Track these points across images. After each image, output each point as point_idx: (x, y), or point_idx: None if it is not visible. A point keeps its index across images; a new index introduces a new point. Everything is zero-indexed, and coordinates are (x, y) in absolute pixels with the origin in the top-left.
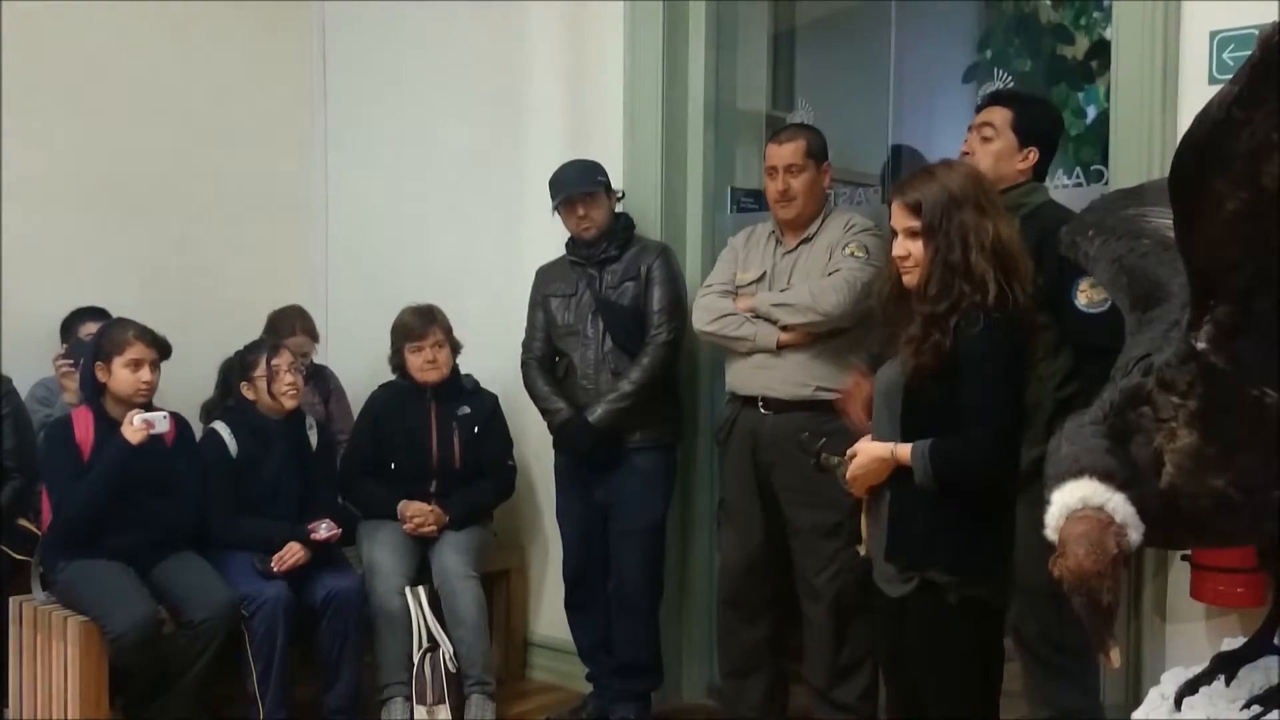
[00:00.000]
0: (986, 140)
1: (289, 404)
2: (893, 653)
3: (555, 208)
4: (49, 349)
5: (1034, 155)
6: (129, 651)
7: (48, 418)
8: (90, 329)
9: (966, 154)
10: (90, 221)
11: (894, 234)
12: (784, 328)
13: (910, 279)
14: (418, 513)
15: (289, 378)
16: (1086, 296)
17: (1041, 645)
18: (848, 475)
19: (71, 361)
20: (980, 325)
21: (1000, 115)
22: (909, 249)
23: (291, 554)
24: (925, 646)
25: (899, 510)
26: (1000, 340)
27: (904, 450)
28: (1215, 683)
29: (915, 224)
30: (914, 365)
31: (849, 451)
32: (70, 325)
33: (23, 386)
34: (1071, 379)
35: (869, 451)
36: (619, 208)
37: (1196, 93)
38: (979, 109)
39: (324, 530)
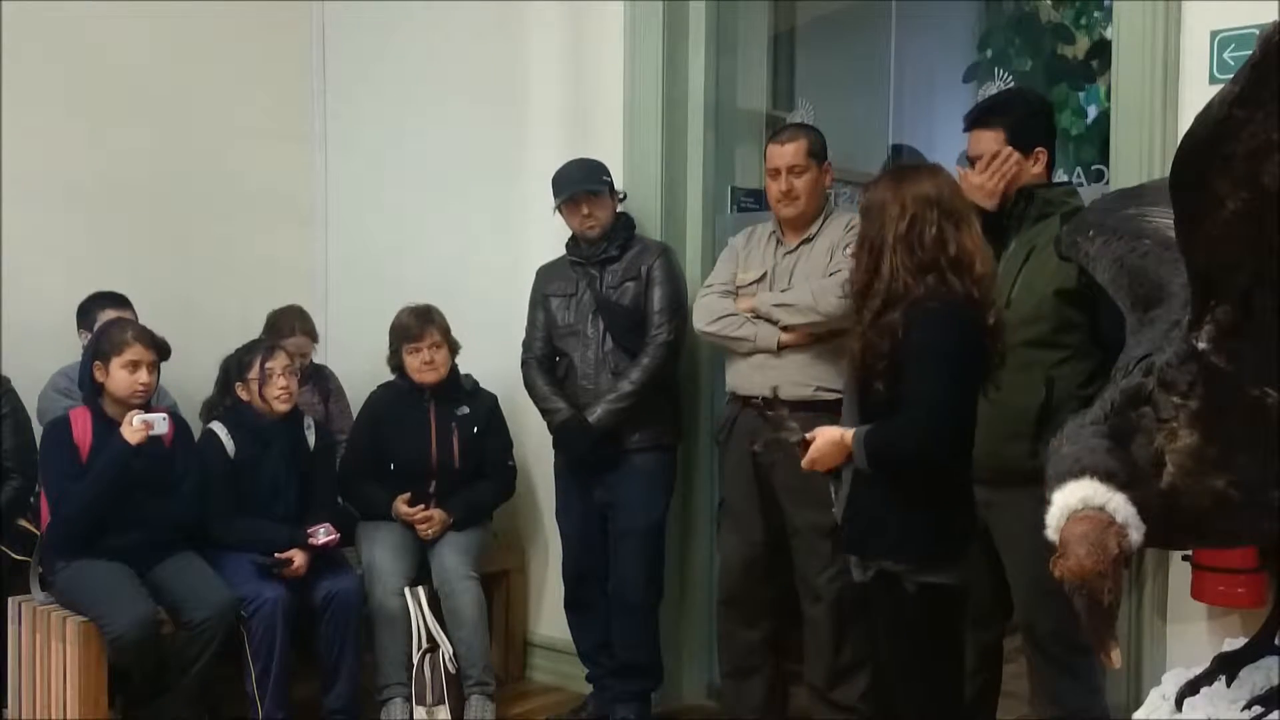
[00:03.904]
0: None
1: (280, 408)
2: (867, 636)
3: (557, 206)
4: (48, 349)
5: (1044, 156)
6: (128, 652)
7: (68, 409)
8: (110, 314)
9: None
10: (90, 221)
11: None
12: (785, 328)
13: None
14: (425, 519)
15: (282, 381)
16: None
17: (1052, 644)
18: (805, 460)
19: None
20: (919, 318)
21: (993, 139)
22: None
23: (295, 567)
24: (884, 634)
25: (854, 501)
26: (936, 332)
27: (851, 435)
28: (1216, 683)
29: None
30: (859, 369)
31: (809, 434)
32: (87, 310)
33: (23, 386)
34: (1097, 378)
35: (825, 435)
36: (620, 208)
37: (1197, 93)
38: (967, 128)
39: (322, 535)
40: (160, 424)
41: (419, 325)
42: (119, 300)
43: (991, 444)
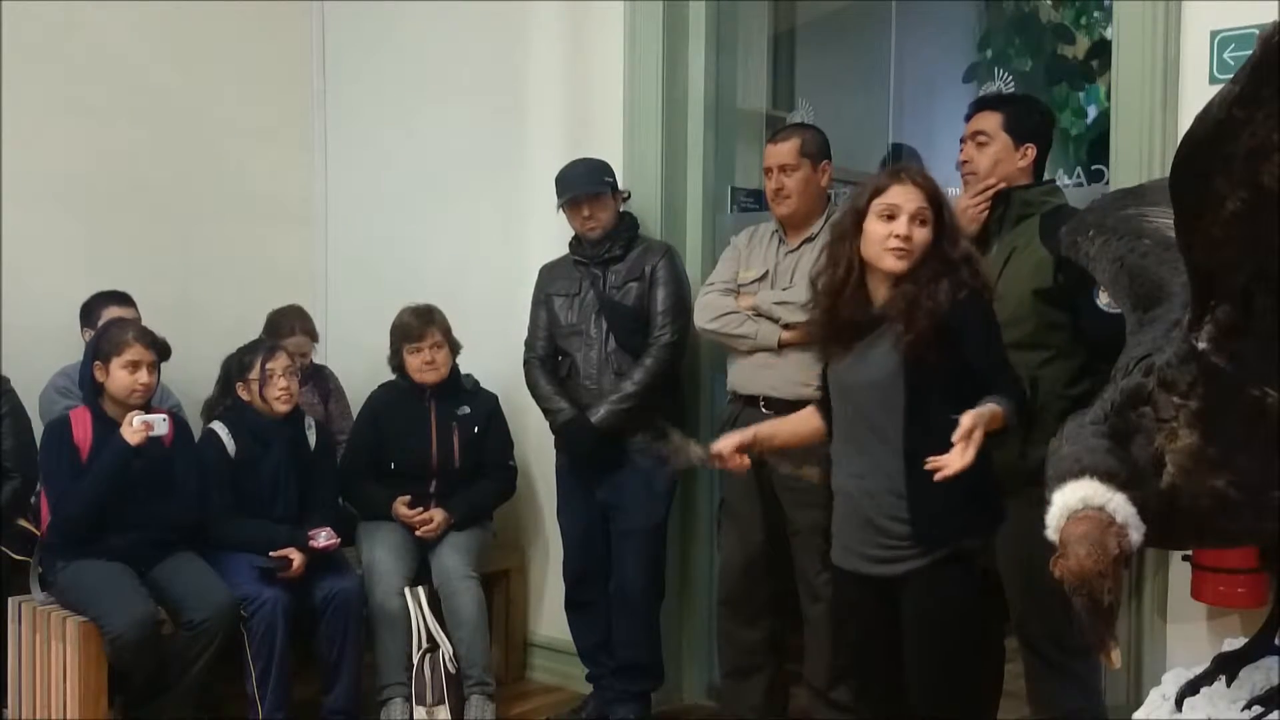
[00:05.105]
0: (982, 145)
1: (281, 409)
2: (881, 635)
3: (560, 206)
4: (49, 349)
5: (1032, 151)
6: (128, 652)
7: (68, 409)
8: (113, 312)
9: (965, 162)
10: (90, 221)
11: (889, 215)
12: (786, 326)
13: (903, 264)
14: (426, 519)
15: (283, 382)
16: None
17: (1047, 646)
18: (965, 455)
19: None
20: (967, 293)
21: (991, 120)
22: (914, 233)
23: (297, 567)
24: (940, 624)
25: (920, 488)
26: (988, 307)
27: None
28: (1216, 683)
29: (927, 210)
30: (913, 336)
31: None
32: (91, 309)
33: (23, 386)
34: (1082, 378)
35: (977, 418)
36: (623, 208)
37: (1197, 93)
38: (968, 118)
39: (323, 539)
40: (160, 424)
41: (420, 325)
42: (122, 298)
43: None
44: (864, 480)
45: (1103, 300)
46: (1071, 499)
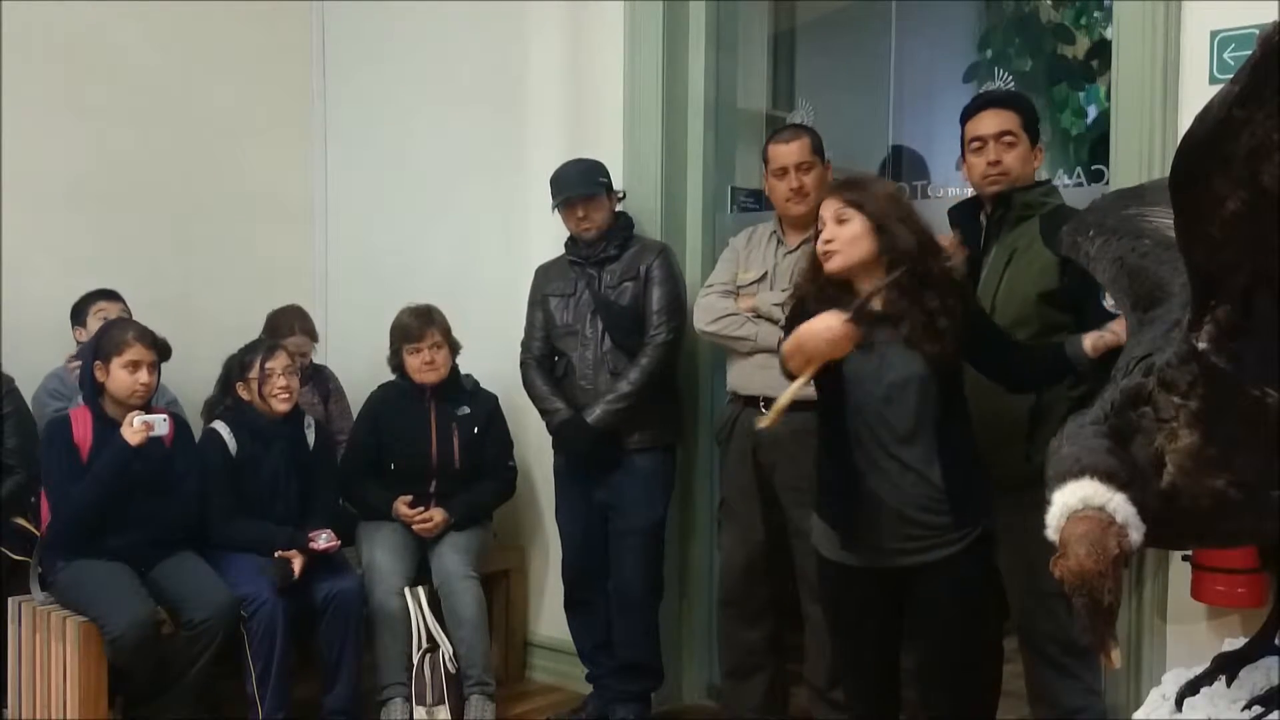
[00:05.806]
0: (1011, 146)
1: (280, 408)
2: (881, 633)
3: (555, 207)
4: (49, 348)
5: (1041, 152)
6: (128, 652)
7: (60, 411)
8: (103, 307)
9: (996, 163)
10: (90, 221)
11: (819, 228)
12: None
13: (834, 264)
14: (425, 519)
15: (282, 381)
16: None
17: (1049, 645)
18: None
19: (81, 363)
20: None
21: (1014, 120)
22: (835, 233)
23: (296, 573)
24: (973, 600)
25: (953, 467)
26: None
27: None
28: (1216, 683)
29: (848, 212)
30: (939, 351)
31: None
32: (81, 309)
33: (23, 385)
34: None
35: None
36: (619, 207)
37: (1197, 93)
38: (966, 117)
39: (323, 541)
40: (160, 424)
41: (420, 325)
42: (110, 295)
43: (984, 448)
44: (889, 474)
45: (1109, 303)
46: (1071, 499)
